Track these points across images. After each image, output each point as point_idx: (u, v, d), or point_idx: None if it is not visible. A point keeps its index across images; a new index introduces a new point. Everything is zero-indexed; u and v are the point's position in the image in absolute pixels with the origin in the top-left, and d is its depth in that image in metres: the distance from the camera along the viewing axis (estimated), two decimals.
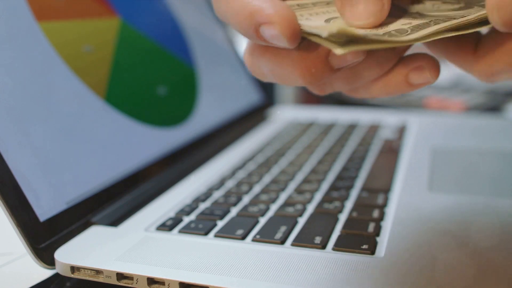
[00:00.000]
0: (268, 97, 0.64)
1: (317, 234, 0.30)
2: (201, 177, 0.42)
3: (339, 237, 0.30)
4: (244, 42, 0.31)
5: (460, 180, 0.38)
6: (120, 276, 0.28)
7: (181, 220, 0.34)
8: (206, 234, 0.31)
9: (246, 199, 0.37)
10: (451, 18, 0.22)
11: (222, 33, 0.61)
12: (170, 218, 0.34)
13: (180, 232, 0.32)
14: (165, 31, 0.50)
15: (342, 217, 0.33)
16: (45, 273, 0.31)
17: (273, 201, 0.36)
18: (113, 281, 0.28)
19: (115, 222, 0.34)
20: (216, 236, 0.31)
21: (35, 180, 0.31)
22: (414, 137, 0.50)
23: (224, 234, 0.31)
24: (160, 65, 0.47)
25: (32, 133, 0.33)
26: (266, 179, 0.40)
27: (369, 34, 0.21)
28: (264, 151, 0.48)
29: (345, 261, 0.27)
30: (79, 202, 0.34)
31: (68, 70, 0.37)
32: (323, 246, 0.29)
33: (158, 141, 0.43)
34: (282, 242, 0.30)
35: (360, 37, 0.20)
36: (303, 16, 0.24)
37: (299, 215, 0.33)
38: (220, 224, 0.33)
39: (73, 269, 0.29)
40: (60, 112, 0.35)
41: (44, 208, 0.31)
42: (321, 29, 0.21)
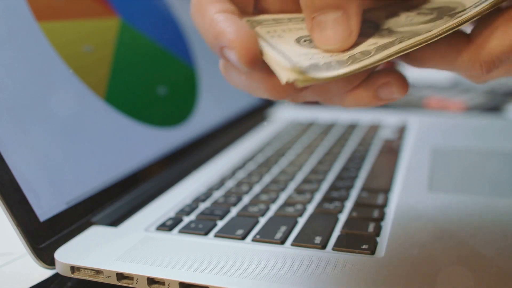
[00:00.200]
0: None
1: (317, 234, 0.30)
2: (201, 177, 0.42)
3: (339, 237, 0.30)
4: None
5: (460, 180, 0.38)
6: (120, 276, 0.28)
7: (181, 220, 0.34)
8: (206, 234, 0.31)
9: (246, 199, 0.37)
10: (417, 34, 0.22)
11: None
12: (170, 218, 0.34)
13: (180, 232, 0.32)
14: (165, 31, 0.50)
15: (342, 217, 0.33)
16: (45, 273, 0.31)
17: (273, 201, 0.36)
18: (113, 281, 0.28)
19: (115, 222, 0.34)
20: (216, 236, 0.31)
21: (35, 180, 0.31)
22: (414, 137, 0.50)
23: (224, 234, 0.31)
24: (160, 65, 0.47)
25: (32, 133, 0.33)
26: (266, 179, 0.40)
27: (331, 67, 0.21)
28: (264, 151, 0.48)
29: (345, 261, 0.27)
30: (79, 202, 0.34)
31: (68, 70, 0.37)
32: (323, 246, 0.29)
33: (158, 141, 0.43)
34: (282, 242, 0.30)
35: (322, 79, 0.21)
36: (276, 33, 0.24)
37: (299, 215, 0.33)
38: (220, 224, 0.33)
39: (73, 269, 0.29)
40: (60, 112, 0.35)
41: (44, 208, 0.31)
42: (279, 70, 0.21)
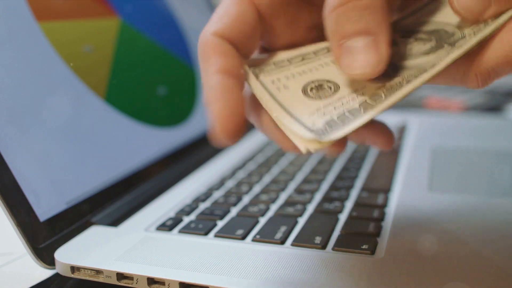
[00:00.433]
0: None
1: (317, 234, 0.30)
2: (201, 177, 0.42)
3: (339, 237, 0.30)
4: None
5: (460, 180, 0.38)
6: (120, 276, 0.28)
7: (181, 220, 0.34)
8: (206, 234, 0.31)
9: (246, 199, 0.37)
10: (422, 69, 0.22)
11: None
12: (170, 218, 0.34)
13: (180, 232, 0.32)
14: (165, 31, 0.50)
15: (342, 217, 0.33)
16: (45, 273, 0.31)
17: (273, 201, 0.36)
18: (113, 281, 0.28)
19: (115, 222, 0.34)
20: (216, 236, 0.31)
21: (35, 180, 0.31)
22: (414, 137, 0.50)
23: (224, 234, 0.31)
24: (160, 65, 0.47)
25: (32, 133, 0.33)
26: (266, 179, 0.40)
27: (347, 119, 0.21)
28: (264, 151, 0.48)
29: (345, 261, 0.27)
30: (79, 202, 0.34)
31: (68, 70, 0.37)
32: (323, 246, 0.29)
33: (158, 141, 0.43)
34: (282, 242, 0.30)
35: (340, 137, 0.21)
36: (281, 82, 0.24)
37: (299, 215, 0.33)
38: (220, 224, 0.33)
39: (73, 269, 0.29)
40: (60, 112, 0.35)
41: (44, 208, 0.31)
42: (296, 141, 0.21)
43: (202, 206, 0.36)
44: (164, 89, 0.47)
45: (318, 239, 0.29)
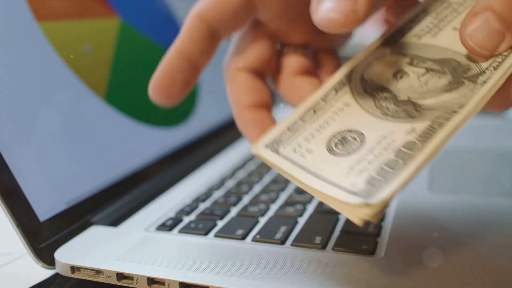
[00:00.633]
0: None
1: (317, 234, 0.30)
2: (201, 177, 0.42)
3: (339, 237, 0.30)
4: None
5: (460, 180, 0.38)
6: (120, 276, 0.28)
7: (181, 220, 0.34)
8: (206, 234, 0.31)
9: (246, 199, 0.37)
10: (448, 109, 0.21)
11: None
12: (170, 218, 0.34)
13: (180, 232, 0.32)
14: (165, 31, 0.50)
15: (342, 217, 0.33)
16: (45, 273, 0.31)
17: (273, 201, 0.36)
18: (113, 281, 0.28)
19: (115, 222, 0.34)
20: (216, 236, 0.31)
21: (35, 180, 0.31)
22: None
23: (224, 234, 0.31)
24: None
25: (32, 133, 0.33)
26: (266, 179, 0.40)
27: (388, 174, 0.19)
28: None
29: (345, 261, 0.27)
30: (79, 202, 0.34)
31: (68, 70, 0.37)
32: (323, 246, 0.29)
33: (158, 141, 0.43)
34: (282, 242, 0.30)
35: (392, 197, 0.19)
36: (302, 148, 0.22)
37: (299, 215, 0.33)
38: (220, 224, 0.33)
39: (73, 269, 0.29)
40: (60, 112, 0.35)
41: (44, 208, 0.31)
42: (348, 213, 0.19)
43: (202, 206, 0.36)
44: None
45: (318, 239, 0.29)
